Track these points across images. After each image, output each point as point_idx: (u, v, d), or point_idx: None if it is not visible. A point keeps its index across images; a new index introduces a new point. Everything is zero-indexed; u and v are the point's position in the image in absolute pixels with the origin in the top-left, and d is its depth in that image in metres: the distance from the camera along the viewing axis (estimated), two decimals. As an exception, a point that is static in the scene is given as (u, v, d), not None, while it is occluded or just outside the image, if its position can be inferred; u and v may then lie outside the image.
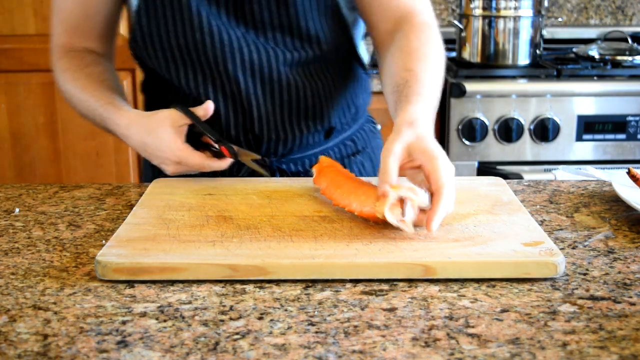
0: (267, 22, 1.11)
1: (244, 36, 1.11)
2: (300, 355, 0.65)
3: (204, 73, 1.13)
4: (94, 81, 1.16)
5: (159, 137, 1.05)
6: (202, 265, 0.79)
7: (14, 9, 2.23)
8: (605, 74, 2.27)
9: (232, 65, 1.11)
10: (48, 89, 2.29)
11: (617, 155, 2.25)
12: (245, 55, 1.11)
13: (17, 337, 0.69)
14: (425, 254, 0.81)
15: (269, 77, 1.13)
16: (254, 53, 1.12)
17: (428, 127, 0.94)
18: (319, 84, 1.18)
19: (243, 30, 1.11)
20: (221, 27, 1.10)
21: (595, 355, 0.65)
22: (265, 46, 1.12)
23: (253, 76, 1.12)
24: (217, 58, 1.11)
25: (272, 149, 1.19)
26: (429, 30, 1.11)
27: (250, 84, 1.13)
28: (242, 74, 1.12)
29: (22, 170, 2.36)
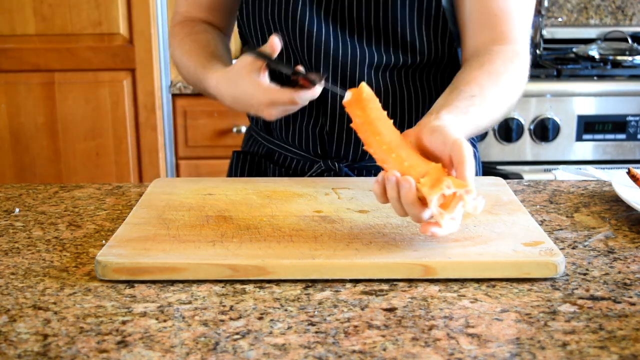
0: (364, 22, 1.10)
1: (336, 32, 1.11)
2: (300, 355, 0.65)
3: (296, 61, 1.14)
4: (198, 47, 1.18)
5: (244, 87, 1.02)
6: (202, 265, 0.79)
7: (14, 9, 2.23)
8: (605, 74, 2.27)
9: (315, 57, 1.11)
10: (48, 89, 2.29)
11: (617, 155, 2.24)
12: (330, 49, 1.11)
13: (17, 337, 0.69)
14: (425, 254, 0.81)
15: (351, 77, 1.12)
16: (340, 49, 1.11)
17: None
18: (406, 92, 1.15)
19: (337, 26, 1.11)
20: (314, 18, 1.10)
21: (595, 355, 0.65)
22: (355, 45, 1.11)
23: (334, 72, 1.12)
24: (304, 48, 1.11)
25: (343, 152, 1.18)
26: (517, 60, 1.06)
27: (331, 78, 1.12)
28: (324, 66, 1.11)
29: (22, 170, 2.36)
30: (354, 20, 1.11)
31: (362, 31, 1.11)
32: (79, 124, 2.32)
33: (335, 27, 1.11)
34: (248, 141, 1.32)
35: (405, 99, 1.15)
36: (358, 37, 1.11)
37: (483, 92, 0.98)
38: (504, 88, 1.02)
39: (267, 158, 1.25)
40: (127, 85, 2.29)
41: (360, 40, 1.12)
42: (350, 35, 1.11)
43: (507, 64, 1.05)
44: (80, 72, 2.28)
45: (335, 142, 1.17)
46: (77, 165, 2.35)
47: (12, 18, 2.24)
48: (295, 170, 1.21)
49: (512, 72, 1.05)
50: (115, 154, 2.35)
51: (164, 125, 2.35)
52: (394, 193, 0.81)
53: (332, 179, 1.11)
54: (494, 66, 1.03)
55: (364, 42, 1.12)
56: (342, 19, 1.11)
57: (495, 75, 1.02)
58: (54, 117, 2.31)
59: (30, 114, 2.31)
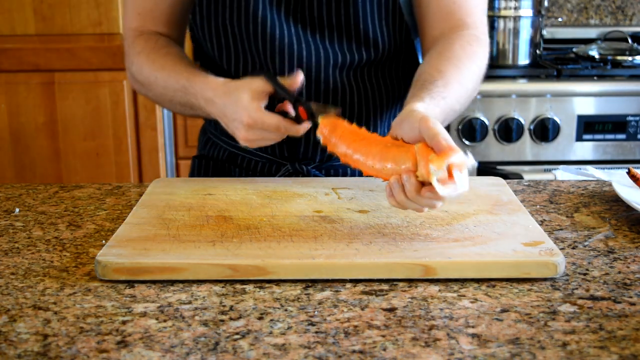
0: (325, 21, 1.10)
1: (298, 33, 1.10)
2: (300, 355, 0.65)
3: (254, 64, 1.12)
4: (173, 59, 1.13)
5: (238, 98, 0.99)
6: (202, 265, 0.79)
7: (14, 9, 2.23)
8: (605, 74, 2.27)
9: (279, 60, 1.10)
10: (48, 89, 2.29)
11: (617, 155, 2.24)
12: (294, 52, 1.10)
13: (17, 337, 0.69)
14: (425, 254, 0.81)
15: (316, 78, 1.12)
16: (304, 51, 1.10)
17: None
18: (369, 89, 1.15)
19: (298, 26, 1.10)
20: (275, 20, 1.09)
21: (595, 355, 0.65)
22: (318, 46, 1.11)
23: (300, 67, 1.10)
24: (267, 51, 1.10)
25: (311, 154, 1.17)
26: (477, 44, 1.08)
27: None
28: (288, 70, 1.11)
29: (22, 170, 2.36)
30: (315, 18, 1.10)
31: (323, 29, 1.10)
32: (79, 124, 2.32)
33: (296, 27, 1.10)
34: (206, 145, 1.29)
35: (370, 95, 1.16)
36: (320, 36, 1.11)
37: (445, 77, 0.99)
38: (465, 70, 1.03)
39: (230, 162, 1.23)
40: (127, 85, 2.29)
41: (322, 39, 1.11)
42: (312, 35, 1.11)
43: (466, 47, 1.06)
44: (80, 72, 2.28)
45: (302, 145, 1.16)
46: (77, 165, 2.35)
47: (12, 18, 2.24)
48: (262, 173, 1.20)
49: (472, 54, 1.06)
50: (115, 154, 2.35)
51: (164, 125, 2.35)
52: (402, 196, 0.83)
53: (332, 179, 1.11)
54: (453, 51, 1.05)
55: (327, 40, 1.11)
56: (303, 18, 1.10)
57: (455, 59, 1.03)
58: (54, 117, 2.31)
59: (30, 114, 2.31)
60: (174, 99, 1.11)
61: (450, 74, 1.00)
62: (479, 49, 1.08)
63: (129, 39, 1.19)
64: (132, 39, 1.18)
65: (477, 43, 1.08)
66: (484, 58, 1.09)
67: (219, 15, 1.11)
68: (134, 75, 1.17)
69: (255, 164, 1.20)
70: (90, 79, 2.28)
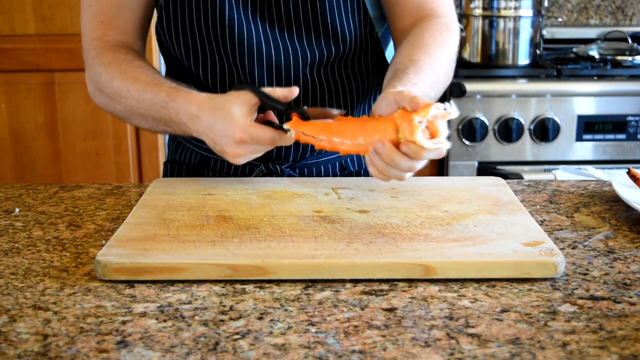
0: (293, 17, 1.09)
1: (266, 32, 1.10)
2: (300, 355, 0.65)
3: (222, 66, 1.12)
4: (146, 72, 1.08)
5: (229, 113, 0.96)
6: (202, 265, 0.79)
7: (14, 9, 2.23)
8: (605, 74, 2.27)
9: (249, 61, 1.10)
10: (48, 89, 2.29)
11: (617, 155, 2.24)
12: (264, 52, 1.10)
13: (17, 337, 0.69)
14: (425, 254, 0.81)
15: (287, 77, 1.11)
16: (273, 50, 1.10)
17: None
18: (340, 86, 1.16)
19: (266, 25, 1.10)
20: (243, 20, 1.09)
21: (595, 355, 0.65)
22: (287, 44, 1.10)
23: (270, 74, 1.11)
24: (235, 52, 1.09)
25: (284, 154, 1.17)
26: (447, 32, 1.09)
27: (266, 83, 1.11)
28: (258, 71, 1.10)
29: (22, 170, 2.36)
30: (282, 16, 1.10)
31: (291, 26, 1.10)
32: (79, 124, 2.32)
33: (264, 25, 1.10)
34: (177, 150, 1.27)
35: (340, 91, 1.16)
36: (288, 33, 1.10)
37: (416, 64, 1.00)
38: (435, 57, 1.04)
39: (203, 166, 1.22)
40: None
41: (290, 36, 1.10)
42: (281, 32, 1.10)
43: (436, 34, 1.07)
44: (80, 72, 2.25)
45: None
46: (77, 165, 2.35)
47: (12, 18, 2.24)
48: (236, 175, 1.19)
49: (442, 41, 1.07)
50: (115, 154, 2.35)
51: (164, 125, 2.35)
52: (381, 163, 0.86)
53: (332, 179, 1.11)
54: (423, 40, 1.06)
55: (295, 37, 1.11)
56: (270, 16, 1.10)
57: (425, 46, 1.04)
58: (54, 117, 2.31)
59: (30, 114, 2.31)
60: (148, 113, 1.05)
61: (422, 61, 1.01)
62: (449, 36, 1.09)
63: (94, 50, 1.14)
64: (97, 50, 1.13)
65: (448, 31, 1.09)
66: (454, 45, 1.10)
67: (185, 18, 1.10)
68: (101, 88, 1.11)
69: (228, 166, 1.20)
70: (90, 79, 2.28)
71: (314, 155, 1.19)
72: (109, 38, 1.14)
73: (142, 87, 1.05)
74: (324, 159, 1.20)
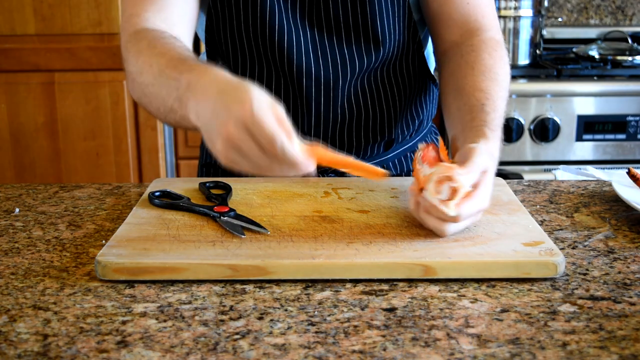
0: (341, 22, 1.08)
1: (314, 38, 1.09)
2: (300, 355, 0.65)
3: (269, 70, 1.11)
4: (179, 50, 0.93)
5: (247, 89, 0.76)
6: (202, 265, 0.79)
7: (14, 9, 2.23)
8: (605, 74, 2.27)
9: (297, 67, 1.09)
10: (48, 89, 2.29)
11: (617, 155, 2.25)
12: (311, 58, 1.09)
13: (17, 337, 0.69)
14: (425, 254, 0.81)
15: (334, 84, 1.10)
16: (320, 57, 1.09)
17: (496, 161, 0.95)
18: (383, 94, 1.15)
19: (314, 31, 1.09)
20: (291, 26, 1.08)
21: (595, 355, 0.65)
22: (334, 51, 1.09)
23: (317, 81, 1.10)
24: (284, 58, 1.08)
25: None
26: (499, 48, 1.09)
27: (313, 89, 1.10)
28: (305, 78, 1.09)
29: (22, 170, 2.36)
30: (330, 20, 1.09)
31: (340, 31, 1.09)
32: (79, 124, 2.32)
33: (312, 31, 1.09)
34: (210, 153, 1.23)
35: (383, 97, 1.15)
36: (336, 39, 1.10)
37: (490, 97, 1.00)
38: (501, 81, 1.04)
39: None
40: (127, 85, 2.29)
41: (337, 42, 1.10)
42: (327, 37, 1.10)
43: (493, 54, 1.07)
44: (80, 72, 2.28)
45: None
46: (77, 165, 2.35)
47: (12, 18, 2.24)
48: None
49: (499, 59, 1.07)
50: (115, 154, 2.35)
51: (164, 125, 2.35)
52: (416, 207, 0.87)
53: (332, 179, 1.11)
54: (483, 63, 1.05)
55: (339, 43, 1.10)
56: (319, 20, 1.09)
57: (489, 71, 1.04)
58: (54, 117, 2.31)
59: (30, 114, 2.31)
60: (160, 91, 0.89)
61: (494, 92, 1.02)
62: (502, 51, 1.09)
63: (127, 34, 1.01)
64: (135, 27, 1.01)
65: (499, 46, 1.09)
66: (507, 59, 1.10)
67: (233, 19, 1.09)
68: (129, 72, 0.98)
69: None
70: (90, 79, 2.29)
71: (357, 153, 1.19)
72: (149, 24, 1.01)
73: (167, 61, 0.89)
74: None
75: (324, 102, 1.11)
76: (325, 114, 1.12)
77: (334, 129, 1.14)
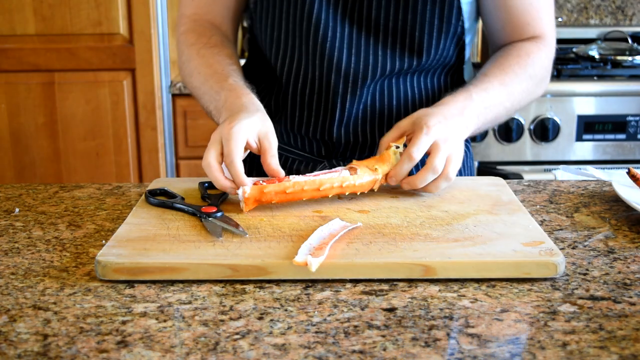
0: (381, 25, 1.09)
1: (351, 35, 1.10)
2: (300, 355, 0.65)
3: (301, 61, 1.13)
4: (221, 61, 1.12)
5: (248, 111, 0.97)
6: (202, 265, 0.79)
7: (14, 9, 2.23)
8: (605, 74, 2.27)
9: (327, 60, 1.10)
10: (48, 89, 2.29)
11: (617, 155, 2.25)
12: (344, 53, 1.10)
13: (17, 337, 0.69)
14: (425, 254, 0.81)
15: (362, 82, 1.11)
16: (353, 53, 1.10)
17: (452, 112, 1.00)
18: (410, 97, 1.15)
19: (353, 29, 1.10)
20: (329, 19, 1.09)
21: (595, 355, 0.65)
22: (368, 51, 1.10)
23: (346, 76, 1.11)
24: (316, 49, 1.10)
25: (342, 150, 1.17)
26: (536, 51, 1.11)
27: (341, 84, 1.11)
28: (335, 72, 1.11)
29: (22, 170, 2.36)
30: (371, 21, 1.09)
31: (378, 33, 1.10)
32: (79, 124, 2.32)
33: (351, 28, 1.10)
34: None
35: (410, 100, 1.15)
36: (374, 40, 1.10)
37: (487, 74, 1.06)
38: (511, 72, 1.08)
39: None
40: (127, 85, 2.29)
41: (374, 43, 1.10)
42: (366, 37, 1.10)
43: (522, 55, 1.10)
44: (80, 72, 2.28)
45: (342, 144, 1.16)
46: (77, 165, 2.35)
47: (12, 18, 2.24)
48: (298, 171, 1.20)
49: (526, 57, 1.10)
50: (115, 154, 2.35)
51: (164, 125, 2.35)
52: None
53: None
54: (505, 58, 1.09)
55: (376, 45, 1.10)
56: (360, 19, 1.10)
57: (502, 64, 1.09)
58: (54, 117, 2.31)
59: (30, 114, 2.31)
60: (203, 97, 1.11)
61: (494, 76, 1.07)
62: (537, 55, 1.12)
63: (183, 27, 1.20)
64: (186, 27, 1.19)
65: (537, 50, 1.12)
66: (540, 64, 1.12)
67: (276, 9, 1.12)
68: (181, 65, 1.19)
69: (292, 161, 1.21)
70: (90, 79, 2.29)
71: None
72: (200, 17, 1.19)
73: (211, 73, 1.09)
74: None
75: (350, 98, 1.12)
76: (349, 110, 1.13)
77: (355, 125, 1.14)
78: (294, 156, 1.20)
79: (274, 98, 1.19)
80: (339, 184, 0.95)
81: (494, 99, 1.06)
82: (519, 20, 1.13)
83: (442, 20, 1.10)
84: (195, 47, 1.15)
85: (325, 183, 0.95)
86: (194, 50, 1.15)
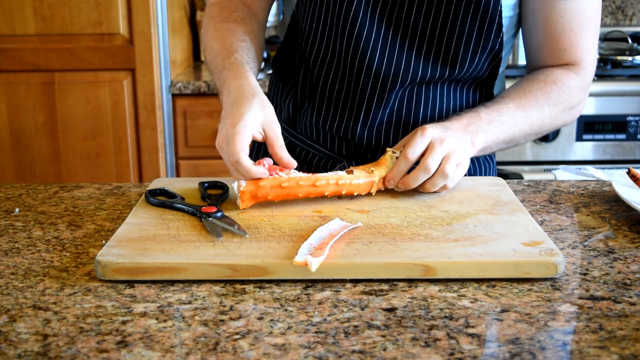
0: (418, 31, 1.08)
1: (386, 37, 1.09)
2: (300, 355, 0.65)
3: (333, 59, 1.13)
4: (233, 37, 1.12)
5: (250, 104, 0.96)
6: (202, 265, 0.79)
7: (14, 9, 2.23)
8: (605, 74, 2.27)
9: (359, 60, 1.10)
10: (48, 89, 2.29)
11: (617, 155, 2.25)
12: (376, 55, 1.09)
13: (17, 337, 0.69)
14: (425, 254, 0.81)
15: (391, 86, 1.11)
16: (386, 57, 1.09)
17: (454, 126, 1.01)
18: (438, 105, 1.14)
19: (389, 31, 1.09)
20: (367, 20, 1.08)
21: (595, 355, 0.65)
22: (402, 53, 1.09)
23: (375, 78, 1.10)
24: (350, 48, 1.10)
25: (362, 152, 1.17)
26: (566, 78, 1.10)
27: (369, 86, 1.11)
28: (365, 73, 1.10)
29: (22, 170, 2.36)
30: (409, 26, 1.08)
31: (414, 38, 1.09)
32: (79, 124, 2.32)
33: (387, 30, 1.09)
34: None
35: (437, 108, 1.14)
36: (409, 45, 1.09)
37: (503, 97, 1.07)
38: (532, 97, 1.08)
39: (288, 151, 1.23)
40: (127, 85, 2.29)
41: (410, 48, 1.09)
42: (401, 41, 1.09)
43: (549, 81, 1.09)
44: (80, 72, 2.28)
45: (364, 146, 1.16)
46: (77, 165, 2.35)
47: (12, 18, 2.24)
48: (317, 168, 1.20)
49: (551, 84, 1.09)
50: (115, 154, 2.35)
51: (164, 125, 2.35)
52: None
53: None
54: (529, 82, 1.10)
55: (413, 51, 1.09)
56: (397, 22, 1.09)
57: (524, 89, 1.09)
58: (54, 117, 2.31)
59: (30, 114, 2.31)
60: (213, 72, 1.11)
61: (509, 100, 1.07)
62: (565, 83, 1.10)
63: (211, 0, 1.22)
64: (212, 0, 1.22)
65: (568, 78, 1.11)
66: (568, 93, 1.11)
67: (317, 6, 1.12)
68: (201, 40, 1.21)
69: (312, 156, 1.21)
70: (90, 79, 2.29)
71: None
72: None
73: (220, 48, 1.10)
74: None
75: (377, 101, 1.12)
76: (375, 112, 1.12)
77: (379, 128, 1.14)
78: (314, 151, 1.20)
79: (301, 89, 1.19)
80: (334, 181, 0.95)
81: (507, 120, 1.05)
82: (557, 44, 1.10)
83: (481, 35, 1.08)
84: (214, 21, 1.16)
85: (321, 179, 0.95)
86: (212, 24, 1.16)
